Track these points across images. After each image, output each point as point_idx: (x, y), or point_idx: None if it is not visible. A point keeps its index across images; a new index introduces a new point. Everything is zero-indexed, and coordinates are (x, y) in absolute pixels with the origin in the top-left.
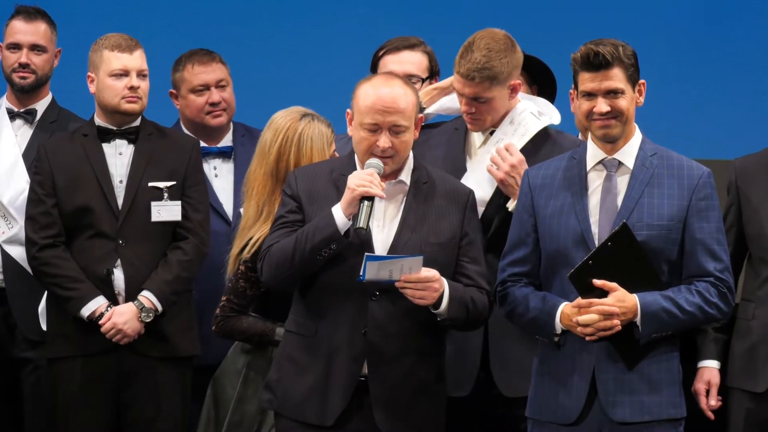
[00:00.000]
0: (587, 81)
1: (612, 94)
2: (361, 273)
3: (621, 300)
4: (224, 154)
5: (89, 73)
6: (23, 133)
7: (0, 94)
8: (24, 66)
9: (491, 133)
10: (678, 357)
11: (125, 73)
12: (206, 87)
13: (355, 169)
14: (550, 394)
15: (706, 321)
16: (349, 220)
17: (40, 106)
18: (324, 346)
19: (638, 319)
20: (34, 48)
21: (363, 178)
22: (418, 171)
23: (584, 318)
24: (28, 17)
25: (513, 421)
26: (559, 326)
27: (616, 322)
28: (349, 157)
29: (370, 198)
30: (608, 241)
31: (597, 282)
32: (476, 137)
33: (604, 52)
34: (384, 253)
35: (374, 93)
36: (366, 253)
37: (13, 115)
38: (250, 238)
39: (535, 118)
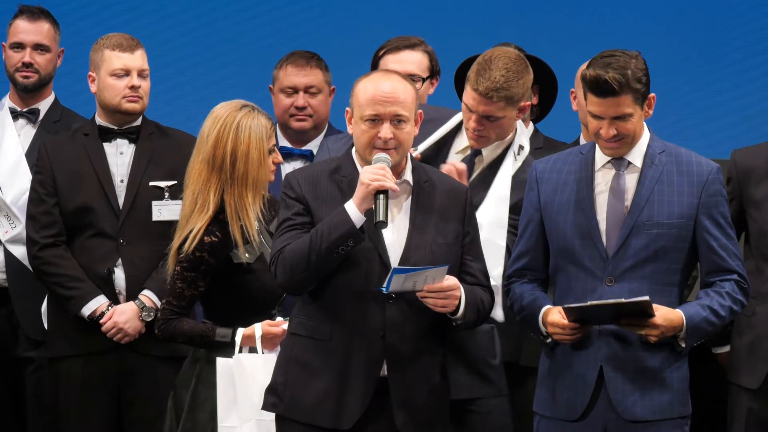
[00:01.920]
0: (594, 104)
1: (619, 119)
2: (384, 285)
3: (667, 319)
4: (304, 156)
5: (90, 73)
6: (26, 132)
7: (3, 93)
8: (27, 65)
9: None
10: (687, 356)
11: (126, 73)
12: (295, 90)
13: (354, 167)
14: (556, 390)
15: (732, 318)
16: (363, 215)
17: (43, 105)
18: (340, 349)
19: (682, 333)
20: (38, 47)
21: (376, 172)
22: (418, 170)
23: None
24: (32, 17)
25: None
26: (543, 329)
27: (654, 339)
28: (347, 156)
29: (385, 191)
30: (624, 304)
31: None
32: (459, 141)
33: (612, 81)
34: (398, 254)
35: (373, 86)
36: (393, 267)
37: (16, 115)
38: (191, 231)
39: (513, 160)
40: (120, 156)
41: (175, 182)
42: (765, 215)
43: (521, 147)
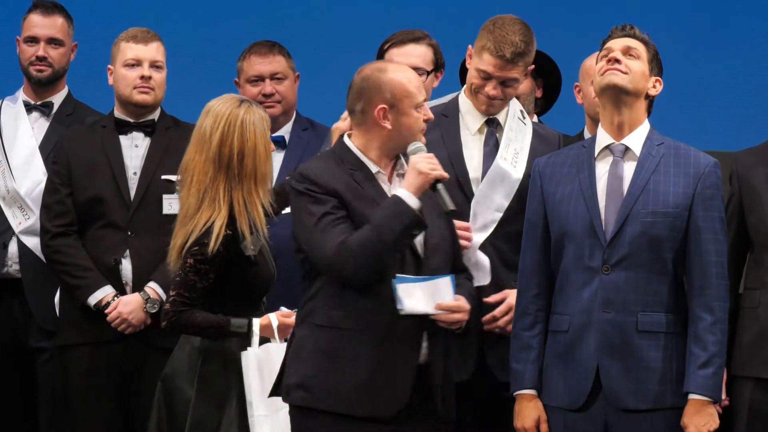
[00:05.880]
0: (610, 42)
1: (628, 51)
2: (398, 305)
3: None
4: (276, 143)
5: (109, 66)
6: (40, 125)
7: (17, 87)
8: (41, 59)
9: (486, 123)
10: (683, 347)
11: (138, 63)
12: (260, 78)
13: (357, 160)
14: (558, 381)
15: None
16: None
17: (57, 99)
18: (379, 337)
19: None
20: (51, 41)
21: (431, 161)
22: None
23: None
24: (46, 11)
25: (503, 402)
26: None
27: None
28: (342, 147)
29: (440, 180)
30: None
31: None
32: (470, 122)
33: (624, 26)
34: (420, 243)
35: (404, 75)
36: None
37: (30, 108)
38: (210, 229)
39: (521, 123)
40: (135, 149)
41: None
42: (764, 206)
43: (521, 111)
